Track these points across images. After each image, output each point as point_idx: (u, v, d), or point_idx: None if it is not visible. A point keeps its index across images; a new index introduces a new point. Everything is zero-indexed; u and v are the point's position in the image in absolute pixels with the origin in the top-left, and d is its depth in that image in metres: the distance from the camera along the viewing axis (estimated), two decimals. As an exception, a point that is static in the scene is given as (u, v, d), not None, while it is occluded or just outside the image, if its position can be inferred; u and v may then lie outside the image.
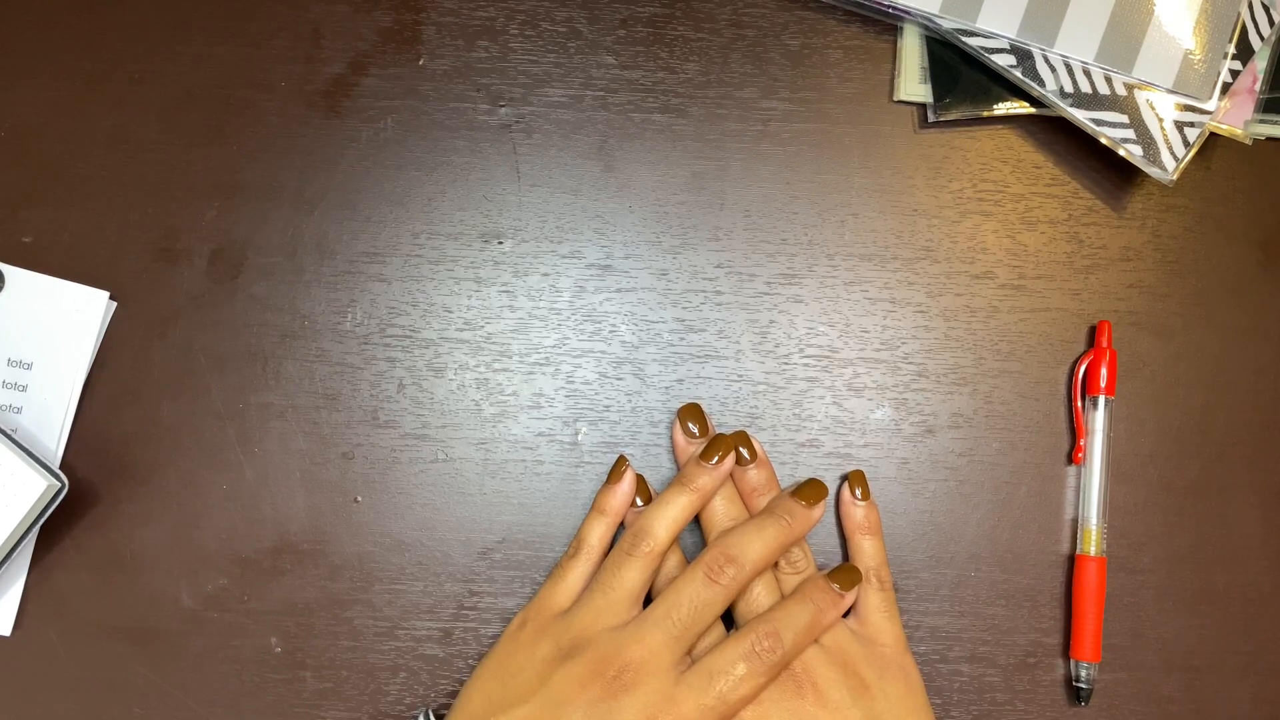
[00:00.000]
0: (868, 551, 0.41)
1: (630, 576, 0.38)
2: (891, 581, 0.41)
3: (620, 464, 0.41)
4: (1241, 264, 0.45)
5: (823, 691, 0.36)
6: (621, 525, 0.41)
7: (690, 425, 0.41)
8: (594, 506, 0.41)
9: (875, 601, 0.40)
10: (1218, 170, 0.45)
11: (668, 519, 0.39)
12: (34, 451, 0.40)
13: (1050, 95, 0.42)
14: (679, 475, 0.40)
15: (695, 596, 0.36)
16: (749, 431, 0.42)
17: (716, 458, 0.40)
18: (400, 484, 0.43)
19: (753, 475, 0.41)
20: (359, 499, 0.43)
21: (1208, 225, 0.45)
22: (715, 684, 0.35)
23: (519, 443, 0.43)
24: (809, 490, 0.40)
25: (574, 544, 0.40)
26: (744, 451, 0.41)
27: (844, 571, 0.39)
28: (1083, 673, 0.42)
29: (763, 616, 0.37)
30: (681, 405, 0.42)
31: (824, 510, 0.40)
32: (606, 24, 0.45)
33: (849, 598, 0.39)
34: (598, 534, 0.40)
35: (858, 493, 0.41)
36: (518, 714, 0.35)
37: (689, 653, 0.37)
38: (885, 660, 0.38)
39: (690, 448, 0.41)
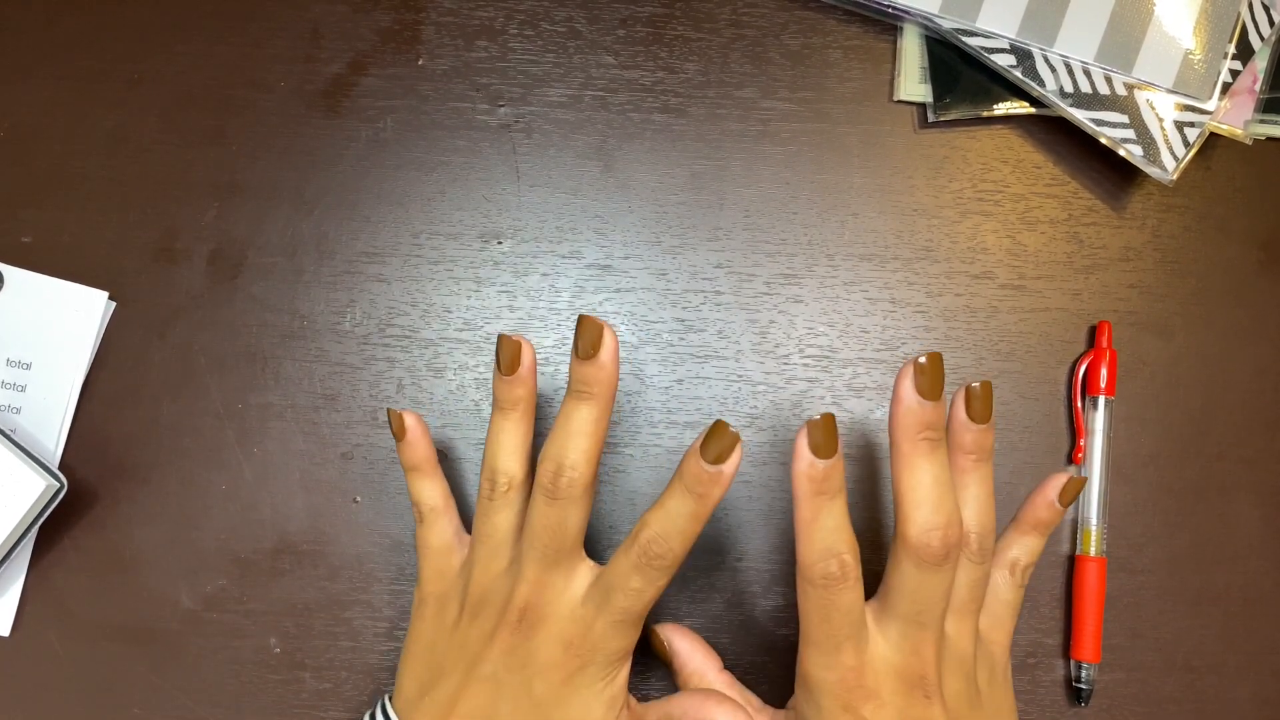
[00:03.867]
0: (1030, 548, 0.38)
1: (500, 520, 0.36)
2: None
3: (394, 418, 0.39)
4: (1241, 264, 0.45)
5: (946, 701, 0.34)
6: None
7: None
8: (404, 467, 0.39)
9: (1008, 597, 0.38)
10: (1218, 170, 0.45)
11: (507, 448, 0.37)
12: (33, 452, 0.40)
13: (1050, 95, 0.42)
14: (495, 398, 0.37)
15: (544, 519, 0.35)
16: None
17: (515, 365, 0.36)
18: (400, 484, 0.43)
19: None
20: (358, 499, 0.43)
21: (1208, 225, 0.45)
22: (615, 600, 0.34)
23: (519, 443, 0.43)
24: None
25: (414, 511, 0.39)
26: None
27: (714, 438, 0.32)
28: (1083, 673, 0.42)
29: (645, 520, 0.34)
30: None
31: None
32: (606, 24, 0.45)
33: (729, 470, 0.33)
34: (425, 491, 0.39)
35: (1060, 499, 0.38)
36: (444, 689, 0.35)
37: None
38: (994, 664, 0.37)
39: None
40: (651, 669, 0.42)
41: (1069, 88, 0.42)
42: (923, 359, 0.33)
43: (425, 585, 0.38)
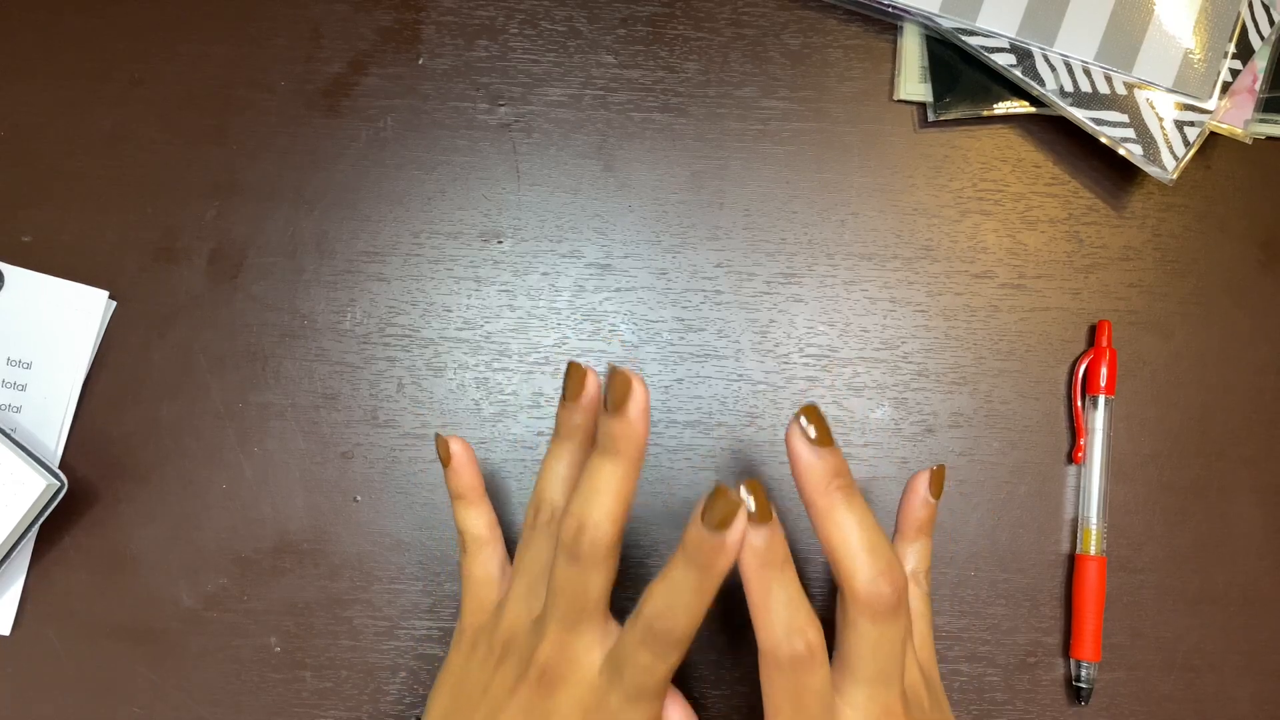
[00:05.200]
0: (922, 553, 0.38)
1: (540, 551, 0.35)
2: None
3: (440, 444, 0.38)
4: (1241, 264, 0.45)
5: None
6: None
7: (807, 425, 0.32)
8: (451, 495, 0.38)
9: (921, 608, 0.37)
10: (1218, 170, 0.45)
11: (559, 476, 0.36)
12: (33, 451, 0.40)
13: (1050, 94, 0.42)
14: (556, 427, 0.36)
15: (565, 581, 0.33)
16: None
17: (578, 392, 0.35)
18: (400, 483, 0.43)
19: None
20: (358, 498, 0.43)
21: (1208, 225, 0.45)
22: (626, 675, 0.33)
23: (519, 442, 0.43)
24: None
25: (459, 540, 0.38)
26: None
27: (715, 503, 0.30)
28: (1083, 672, 0.42)
29: (649, 592, 0.32)
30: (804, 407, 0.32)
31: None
32: (606, 23, 0.45)
33: (733, 539, 0.30)
34: (470, 520, 0.38)
35: (932, 492, 0.38)
36: None
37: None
38: (932, 683, 0.36)
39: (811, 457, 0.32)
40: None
41: (1069, 87, 0.42)
42: (802, 416, 0.32)
43: (466, 617, 0.37)
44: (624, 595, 0.42)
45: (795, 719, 0.32)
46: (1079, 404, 0.43)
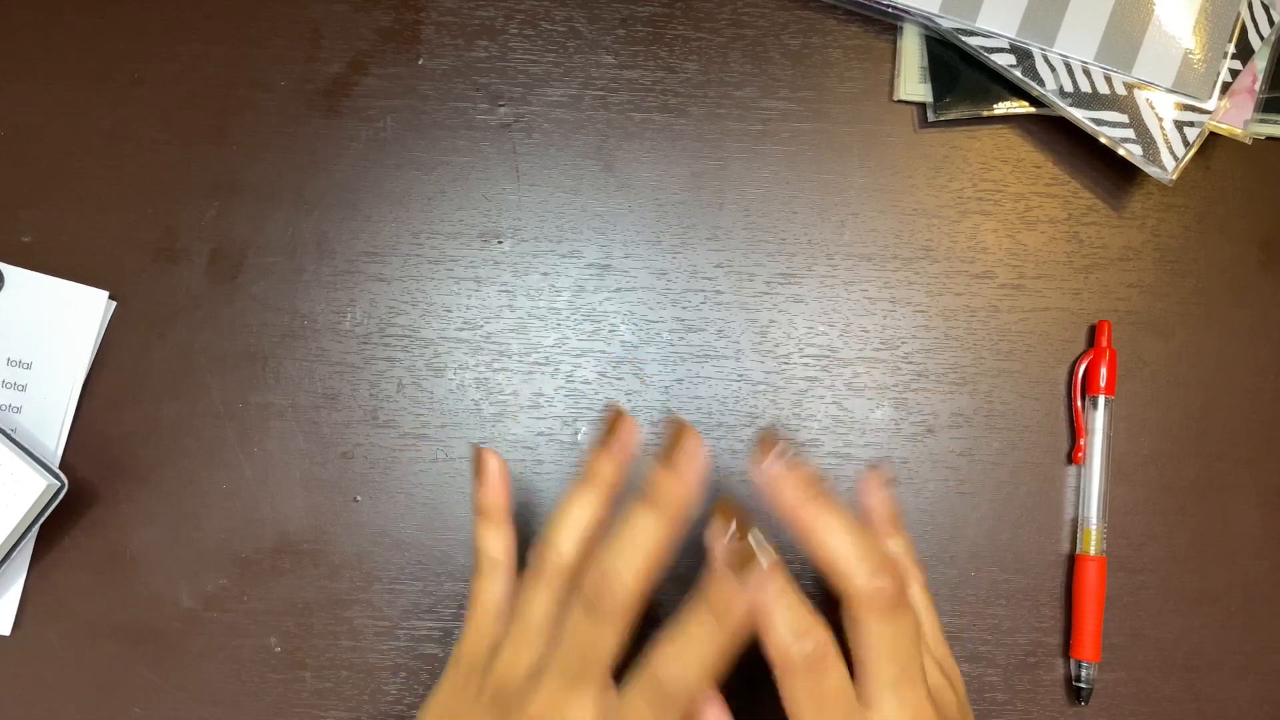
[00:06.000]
0: (904, 547, 0.37)
1: (539, 602, 0.33)
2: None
3: (478, 455, 0.37)
4: (1241, 264, 0.45)
5: None
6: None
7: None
8: (475, 510, 0.37)
9: (923, 599, 0.37)
10: (1217, 170, 0.45)
11: (574, 527, 0.34)
12: (33, 451, 0.40)
13: (1050, 95, 0.42)
14: (582, 470, 0.35)
15: (577, 633, 0.31)
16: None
17: (615, 440, 0.34)
18: (400, 484, 0.43)
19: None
20: (358, 498, 0.43)
21: (1208, 225, 0.45)
22: None
23: (519, 442, 0.43)
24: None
25: (474, 558, 0.37)
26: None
27: (738, 554, 0.31)
28: (1083, 672, 0.42)
29: (663, 657, 0.31)
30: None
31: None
32: (606, 24, 0.45)
33: (751, 583, 0.31)
34: (490, 540, 0.36)
35: (888, 484, 0.38)
36: None
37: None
38: (954, 680, 0.36)
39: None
40: None
41: (1069, 87, 0.42)
42: (758, 444, 0.32)
43: (465, 645, 0.36)
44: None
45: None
46: (1079, 404, 0.43)
